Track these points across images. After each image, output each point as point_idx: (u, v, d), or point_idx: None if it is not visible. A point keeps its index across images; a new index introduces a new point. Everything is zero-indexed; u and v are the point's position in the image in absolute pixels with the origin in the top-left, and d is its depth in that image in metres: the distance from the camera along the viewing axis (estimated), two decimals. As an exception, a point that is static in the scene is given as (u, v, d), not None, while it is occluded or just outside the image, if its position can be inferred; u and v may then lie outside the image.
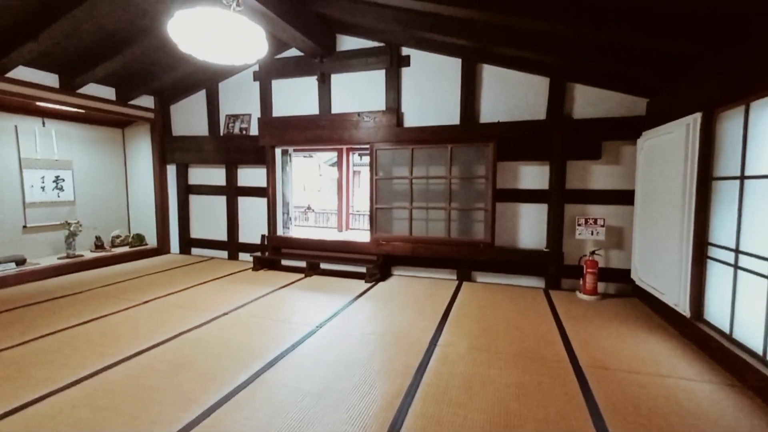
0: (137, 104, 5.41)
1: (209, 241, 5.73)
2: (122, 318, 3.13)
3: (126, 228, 6.04)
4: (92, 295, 3.73)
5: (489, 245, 4.16)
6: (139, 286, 4.11)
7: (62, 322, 3.01)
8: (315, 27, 4.27)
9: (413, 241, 4.43)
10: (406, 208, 4.46)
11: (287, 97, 5.12)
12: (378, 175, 4.55)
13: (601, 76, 3.82)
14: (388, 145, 4.47)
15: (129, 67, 4.66)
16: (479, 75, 4.27)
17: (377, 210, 4.58)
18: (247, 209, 5.47)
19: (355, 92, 4.76)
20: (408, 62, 4.49)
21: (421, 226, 4.44)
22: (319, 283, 4.31)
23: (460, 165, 4.27)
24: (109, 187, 5.80)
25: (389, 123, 4.46)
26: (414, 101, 4.53)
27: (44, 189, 4.94)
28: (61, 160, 5.13)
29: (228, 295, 3.81)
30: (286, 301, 3.63)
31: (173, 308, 3.38)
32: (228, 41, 2.95)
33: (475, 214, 4.25)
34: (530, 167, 4.20)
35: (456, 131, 4.22)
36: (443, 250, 4.32)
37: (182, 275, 4.59)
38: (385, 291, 4.03)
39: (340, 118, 4.65)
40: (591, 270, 3.77)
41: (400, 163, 4.48)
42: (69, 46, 4.00)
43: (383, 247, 4.54)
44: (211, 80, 5.40)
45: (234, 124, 5.40)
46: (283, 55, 5.04)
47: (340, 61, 4.73)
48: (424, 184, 4.40)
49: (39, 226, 4.89)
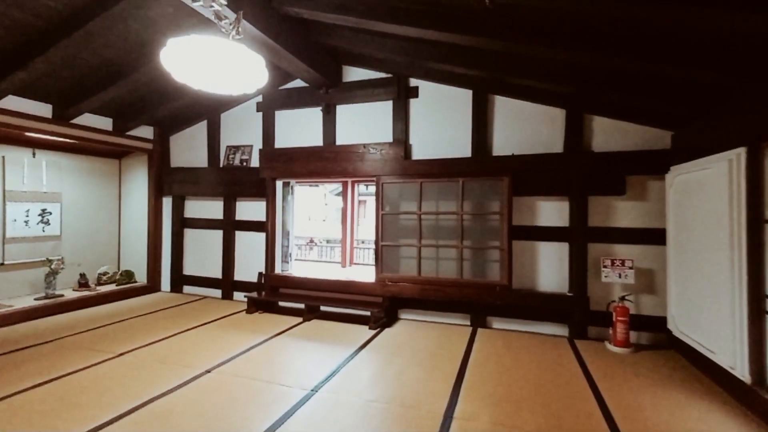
0: (135, 135, 5.22)
1: (203, 279, 5.36)
2: (88, 377, 2.71)
3: (116, 264, 5.69)
4: (60, 346, 3.32)
5: (506, 288, 3.78)
6: (117, 333, 3.71)
7: (12, 385, 2.59)
8: (320, 58, 4.12)
9: (422, 282, 4.06)
10: (414, 246, 4.12)
11: (290, 129, 4.92)
12: (384, 210, 4.25)
13: (621, 108, 3.59)
14: (395, 178, 4.20)
15: (126, 97, 4.49)
16: (491, 106, 4.06)
17: (383, 247, 4.24)
18: (244, 244, 5.14)
19: (360, 124, 4.56)
20: (416, 93, 4.31)
21: (431, 266, 4.08)
22: (319, 330, 3.90)
23: (472, 200, 3.97)
24: (100, 221, 5.51)
25: (396, 155, 4.21)
26: (423, 133, 4.31)
27: (28, 223, 4.65)
28: (49, 193, 4.87)
29: (215, 345, 3.41)
30: (280, 355, 3.22)
31: (150, 363, 2.97)
32: (225, 70, 2.73)
33: (489, 254, 3.91)
34: (548, 203, 3.90)
35: (467, 164, 3.95)
36: (455, 293, 3.94)
37: (169, 319, 4.19)
38: (392, 340, 3.62)
39: (345, 150, 4.41)
40: (621, 318, 3.38)
41: (408, 198, 4.19)
42: (62, 75, 3.83)
43: (389, 288, 4.16)
44: (213, 111, 5.24)
45: (234, 155, 5.18)
46: (287, 86, 4.89)
47: (346, 92, 4.56)
48: (434, 220, 4.09)
49: (18, 263, 4.55)
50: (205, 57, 2.61)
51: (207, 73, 2.70)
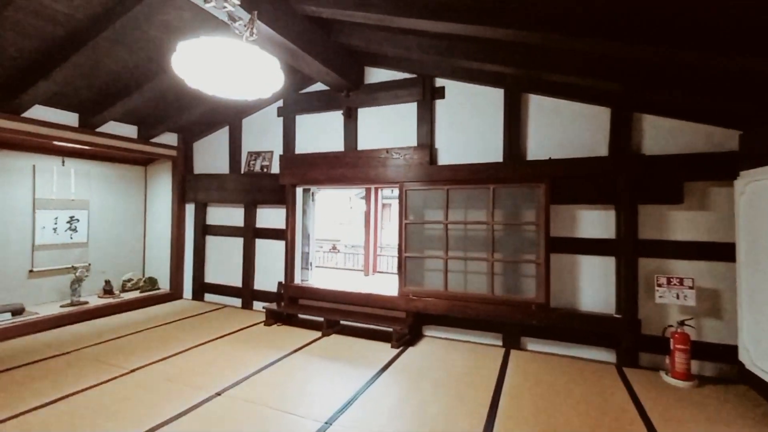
0: (160, 142, 5.22)
1: (223, 287, 5.27)
2: (96, 398, 2.59)
3: (141, 271, 5.72)
4: (77, 359, 3.26)
5: (543, 306, 3.41)
6: (134, 344, 3.63)
7: (23, 402, 2.51)
8: (341, 59, 3.93)
9: (449, 298, 3.75)
10: (440, 258, 3.83)
11: (311, 134, 4.76)
12: (408, 219, 3.98)
13: (678, 105, 3.17)
14: (419, 184, 3.93)
15: (149, 104, 4.47)
16: (525, 106, 3.72)
17: (407, 259, 3.97)
18: (264, 253, 5.01)
19: (383, 127, 4.32)
20: (442, 94, 4.03)
21: (459, 280, 3.77)
22: (338, 347, 3.67)
23: (504, 208, 3.63)
24: (126, 228, 5.55)
25: (421, 160, 3.94)
26: (449, 136, 4.02)
27: (56, 230, 4.71)
28: (77, 200, 4.93)
29: (229, 362, 3.24)
30: (295, 376, 3.00)
31: (160, 382, 2.83)
32: (239, 74, 2.56)
33: (524, 268, 3.55)
34: (591, 212, 3.50)
35: (499, 170, 3.62)
36: (486, 310, 3.60)
37: (186, 330, 4.09)
38: (416, 361, 3.33)
39: (366, 155, 4.19)
40: (681, 346, 2.94)
41: (434, 206, 3.90)
42: (85, 84, 3.83)
43: (413, 302, 3.88)
44: (235, 116, 5.17)
45: (255, 161, 5.08)
46: (308, 89, 4.74)
47: (368, 94, 4.34)
48: (462, 230, 3.78)
49: (46, 270, 4.62)
50: (217, 60, 2.45)
51: (220, 77, 2.55)
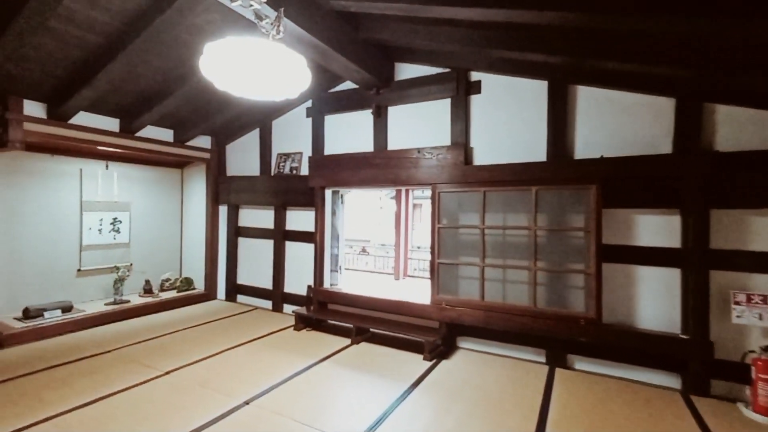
0: (194, 145, 5.32)
1: (254, 289, 5.30)
2: (130, 400, 2.61)
3: (178, 271, 5.89)
4: (116, 358, 3.34)
5: (593, 322, 3.06)
6: (170, 345, 3.68)
7: (62, 402, 2.56)
8: (370, 55, 3.76)
9: (486, 308, 3.48)
10: (476, 266, 3.56)
11: (340, 134, 4.63)
12: (441, 223, 3.75)
13: (759, 92, 2.70)
14: (453, 186, 3.68)
15: (183, 108, 4.54)
16: (573, 99, 3.36)
17: (440, 265, 3.74)
18: (293, 256, 4.97)
19: (414, 126, 4.11)
20: (478, 88, 3.75)
21: (497, 289, 3.49)
22: (368, 356, 3.52)
23: (548, 212, 3.31)
24: (164, 229, 5.73)
25: (455, 160, 3.69)
26: (486, 134, 3.73)
27: (101, 231, 4.93)
28: (120, 202, 5.13)
29: (259, 368, 3.18)
30: (323, 387, 2.88)
31: (192, 387, 2.81)
32: (265, 74, 2.46)
33: (571, 278, 3.21)
34: (650, 217, 3.10)
35: (542, 170, 3.30)
36: (527, 323, 3.30)
37: (219, 332, 4.11)
38: (450, 377, 3.10)
39: (396, 156, 4.00)
40: (766, 376, 2.50)
41: (469, 209, 3.64)
42: (124, 90, 3.93)
43: (447, 312, 3.65)
44: (265, 118, 5.16)
45: (285, 163, 5.04)
46: (336, 88, 4.61)
47: (398, 91, 4.14)
48: (501, 236, 3.49)
49: (92, 269, 4.84)
50: (244, 61, 2.36)
51: (247, 78, 2.46)
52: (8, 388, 2.75)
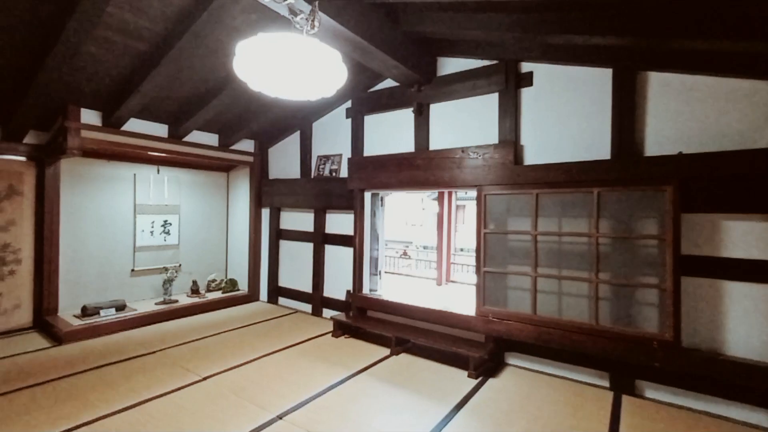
0: (238, 149, 5.43)
1: (295, 292, 5.29)
2: (166, 407, 2.61)
3: (224, 272, 6.05)
4: (160, 360, 3.41)
5: (669, 345, 2.63)
6: (212, 348, 3.72)
7: (103, 405, 2.61)
8: (411, 50, 3.56)
9: (538, 323, 3.14)
10: (527, 275, 3.23)
11: (380, 134, 4.48)
12: (488, 228, 3.45)
13: None
14: (501, 188, 3.38)
15: (226, 112, 4.62)
16: (643, 87, 2.94)
17: (486, 274, 3.45)
18: (333, 259, 4.88)
19: (458, 124, 3.85)
20: (530, 80, 3.41)
21: (551, 303, 3.14)
22: (407, 370, 3.31)
23: (613, 217, 2.91)
24: (211, 231, 5.91)
25: (503, 160, 3.38)
26: (538, 131, 3.39)
27: (153, 233, 5.16)
28: (170, 205, 5.35)
29: (294, 377, 3.09)
30: (359, 404, 2.71)
31: (227, 395, 2.77)
32: (300, 71, 2.34)
33: (641, 293, 2.80)
34: (744, 224, 2.61)
35: (606, 169, 2.91)
36: (587, 343, 2.93)
37: (259, 336, 4.11)
38: (498, 400, 2.81)
39: (439, 156, 3.76)
40: None
41: (519, 213, 3.32)
42: (169, 96, 4.05)
43: (493, 325, 3.35)
44: (305, 120, 5.13)
45: (324, 165, 4.98)
46: (377, 87, 4.46)
47: (441, 87, 3.90)
48: (556, 243, 3.14)
49: (145, 269, 5.07)
50: (276, 58, 2.26)
51: (281, 76, 2.36)
52: (58, 387, 2.87)
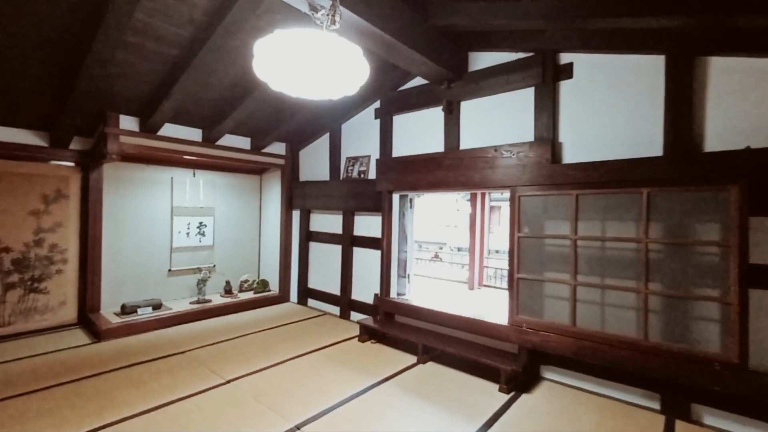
0: (270, 152, 5.49)
1: (324, 294, 5.27)
2: (188, 410, 2.62)
3: (256, 273, 6.15)
4: (187, 360, 3.47)
5: (733, 367, 2.31)
6: (238, 349, 3.75)
7: (127, 406, 2.65)
8: (439, 45, 3.40)
9: (578, 336, 2.88)
10: (566, 283, 2.98)
11: (408, 134, 4.35)
12: (522, 232, 3.23)
13: None
14: (537, 189, 3.14)
15: (256, 115, 4.67)
16: (702, 74, 2.61)
17: (520, 281, 3.22)
18: (361, 262, 4.81)
19: (490, 122, 3.64)
20: (569, 72, 3.15)
21: (593, 314, 2.87)
22: (434, 381, 3.16)
23: (665, 221, 2.61)
24: (244, 232, 6.03)
25: (539, 159, 3.15)
26: (578, 127, 3.12)
27: (188, 234, 5.32)
28: (205, 207, 5.50)
29: (317, 384, 3.03)
30: (381, 417, 2.59)
31: (248, 401, 2.74)
32: (320, 68, 2.27)
33: (700, 307, 2.48)
34: (829, 229, 2.24)
35: (657, 167, 2.61)
36: (634, 360, 2.64)
37: (286, 338, 4.11)
38: (533, 419, 2.59)
39: (470, 156, 3.57)
40: None
41: (557, 216, 3.07)
42: (201, 100, 4.13)
43: (527, 336, 3.12)
44: (334, 122, 5.10)
45: (353, 167, 4.92)
46: (405, 86, 4.34)
47: (472, 83, 3.71)
48: (598, 249, 2.87)
49: (180, 269, 5.24)
50: (294, 56, 2.20)
51: (300, 74, 2.30)
52: (90, 385, 2.97)
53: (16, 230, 4.14)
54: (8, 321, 4.11)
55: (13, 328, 4.13)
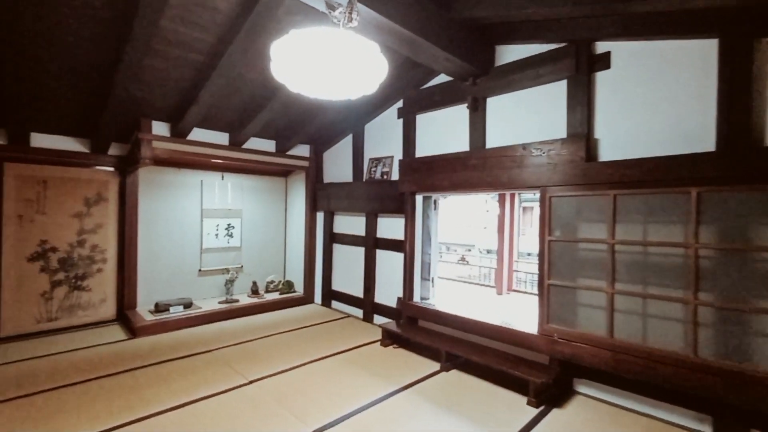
0: (294, 154, 5.54)
1: (347, 296, 5.24)
2: (210, 410, 2.64)
3: (282, 274, 6.23)
4: (212, 359, 3.53)
5: (804, 392, 2.01)
6: (262, 350, 3.78)
7: (153, 403, 2.71)
8: (464, 39, 3.26)
9: (615, 349, 2.65)
10: (602, 291, 2.75)
11: (432, 133, 4.22)
12: (553, 236, 3.02)
13: None
14: (570, 189, 2.93)
15: (280, 118, 4.71)
16: (761, 59, 2.32)
17: (551, 287, 3.02)
18: (384, 265, 4.73)
19: (518, 118, 3.45)
20: (606, 62, 2.91)
21: (633, 325, 2.62)
22: (458, 390, 3.01)
23: (717, 224, 2.33)
24: (270, 234, 6.12)
25: (573, 156, 2.93)
26: (616, 121, 2.88)
27: (217, 236, 5.46)
28: (233, 210, 5.63)
29: (337, 389, 2.98)
30: (398, 427, 2.48)
31: (268, 403, 2.73)
32: (336, 67, 2.22)
33: (758, 321, 2.19)
34: None
35: (708, 164, 2.34)
36: (681, 377, 2.38)
37: (309, 340, 4.10)
38: (564, 436, 2.41)
39: (496, 155, 3.40)
40: None
41: (592, 218, 2.84)
42: (226, 104, 4.21)
43: (559, 346, 2.91)
44: (358, 123, 5.06)
45: (376, 168, 4.85)
46: (429, 84, 4.21)
47: (499, 79, 3.53)
48: (640, 254, 2.62)
49: (210, 270, 5.39)
50: (311, 56, 2.15)
51: (317, 74, 2.25)
52: (121, 380, 3.08)
53: (61, 231, 4.40)
54: (55, 316, 4.38)
55: (59, 323, 4.39)
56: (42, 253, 4.29)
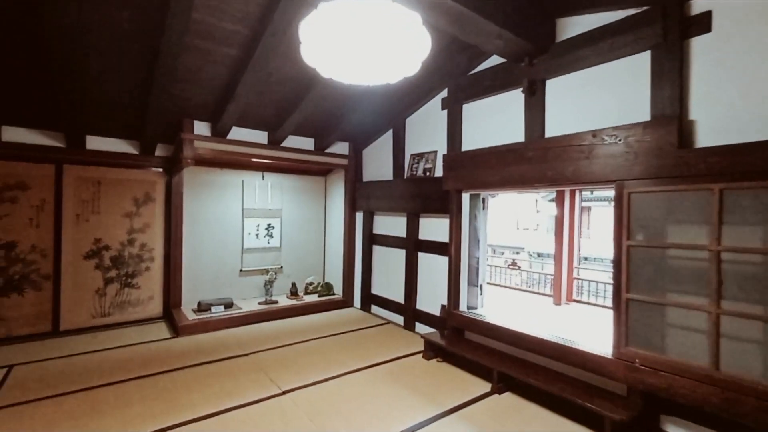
0: (333, 152, 5.36)
1: (387, 301, 4.94)
2: (240, 421, 2.47)
3: (321, 275, 6.08)
4: (249, 364, 3.39)
5: None
6: (299, 356, 3.59)
7: (183, 409, 2.60)
8: (519, 12, 2.83)
9: (723, 385, 2.09)
10: (702, 311, 2.19)
11: (480, 124, 3.80)
12: (633, 239, 2.49)
13: None
14: (656, 183, 2.39)
15: (316, 114, 4.53)
16: None
17: (630, 302, 2.49)
18: (427, 269, 4.37)
19: (585, 101, 2.95)
20: (706, 25, 2.34)
21: (747, 356, 2.05)
22: (512, 419, 2.58)
23: None
24: (309, 235, 5.99)
25: (660, 143, 2.38)
26: (719, 98, 2.30)
27: (258, 236, 5.42)
28: (273, 210, 5.56)
29: (373, 407, 2.69)
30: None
31: (300, 418, 2.50)
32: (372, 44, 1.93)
33: None
34: None
35: None
36: (824, 431, 1.79)
37: (348, 348, 3.85)
38: (654, 492, 1.91)
39: (559, 145, 2.91)
40: None
41: (686, 218, 2.29)
42: (262, 101, 4.09)
43: (643, 375, 2.38)
44: (398, 116, 4.75)
45: (418, 164, 4.51)
46: (477, 69, 3.80)
47: (562, 56, 3.04)
48: (756, 265, 2.04)
49: (251, 270, 5.36)
50: (343, 33, 1.89)
51: (351, 55, 1.98)
52: (161, 381, 3.02)
53: (113, 230, 4.55)
54: (108, 312, 4.53)
55: (112, 318, 4.55)
56: (96, 251, 4.46)
